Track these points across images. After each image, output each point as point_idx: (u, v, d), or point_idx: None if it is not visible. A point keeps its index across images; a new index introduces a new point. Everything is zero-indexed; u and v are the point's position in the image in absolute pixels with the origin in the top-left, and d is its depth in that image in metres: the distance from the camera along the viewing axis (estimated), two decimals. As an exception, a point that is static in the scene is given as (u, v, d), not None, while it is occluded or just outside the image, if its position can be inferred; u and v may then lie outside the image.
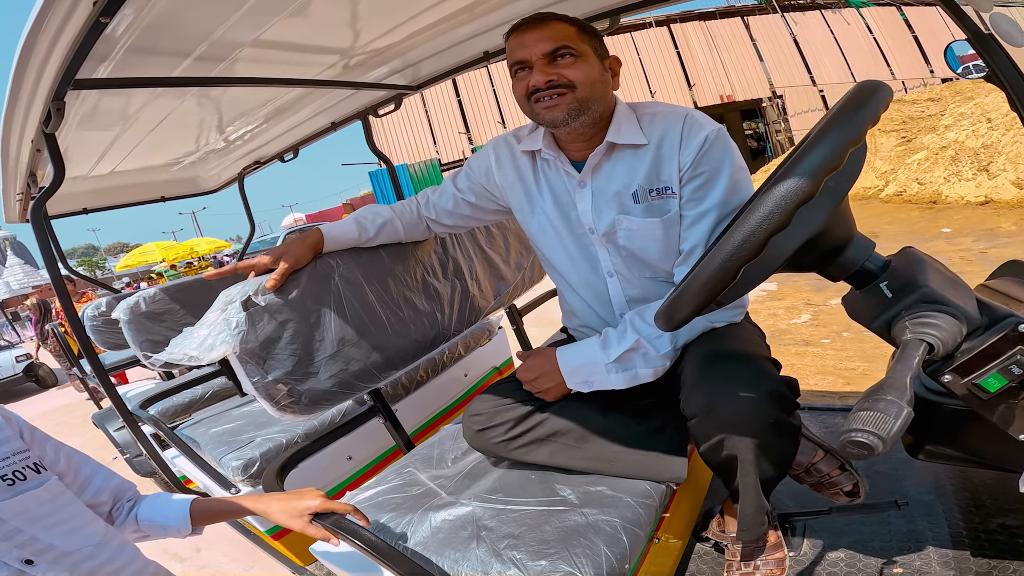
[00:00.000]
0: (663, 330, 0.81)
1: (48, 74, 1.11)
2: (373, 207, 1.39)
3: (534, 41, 1.02)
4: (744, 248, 0.58)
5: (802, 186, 0.54)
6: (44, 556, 0.74)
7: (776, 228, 0.56)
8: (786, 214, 0.55)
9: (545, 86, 1.02)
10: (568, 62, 1.02)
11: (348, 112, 2.27)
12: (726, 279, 0.61)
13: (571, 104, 1.02)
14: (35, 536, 0.74)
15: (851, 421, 0.51)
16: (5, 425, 0.81)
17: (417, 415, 1.93)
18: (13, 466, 0.78)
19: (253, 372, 1.08)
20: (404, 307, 1.39)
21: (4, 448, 0.79)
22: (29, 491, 0.77)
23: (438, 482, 1.19)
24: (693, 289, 0.66)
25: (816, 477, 1.13)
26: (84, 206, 2.84)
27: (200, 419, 2.02)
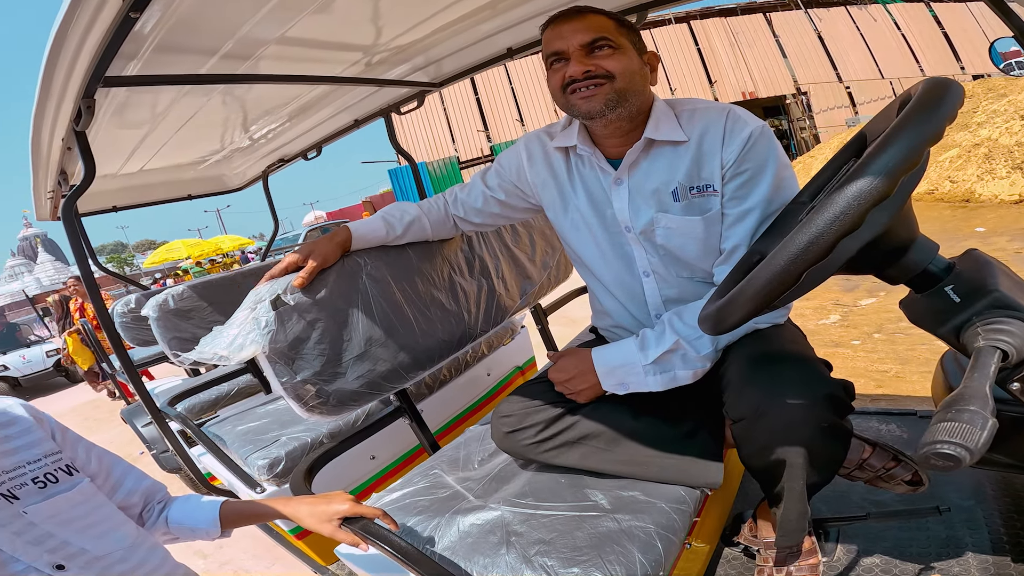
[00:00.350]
0: (709, 334, 0.78)
1: (78, 71, 1.11)
2: (400, 204, 1.37)
3: (571, 32, 1.00)
4: (811, 250, 0.54)
5: (878, 186, 0.50)
6: (75, 560, 0.72)
7: (848, 229, 0.52)
8: (859, 214, 0.51)
9: (582, 76, 0.99)
10: (606, 53, 0.99)
11: (371, 109, 2.27)
12: (788, 282, 0.58)
13: (609, 95, 0.99)
14: (67, 540, 0.73)
15: (934, 433, 0.48)
16: (36, 426, 0.80)
17: (440, 414, 1.92)
18: (45, 468, 0.77)
19: (282, 372, 1.07)
20: (431, 306, 1.37)
21: (35, 450, 0.78)
22: (61, 494, 0.76)
23: (465, 484, 1.17)
24: (749, 292, 0.63)
25: (870, 472, 1.09)
26: (114, 204, 2.89)
27: (226, 417, 2.02)
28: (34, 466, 0.76)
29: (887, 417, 1.58)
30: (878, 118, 0.76)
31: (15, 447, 0.76)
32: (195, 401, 2.34)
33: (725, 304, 0.70)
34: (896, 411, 1.60)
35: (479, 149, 19.58)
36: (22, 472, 0.74)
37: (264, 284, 1.12)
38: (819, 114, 18.94)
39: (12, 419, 0.78)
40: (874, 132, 0.76)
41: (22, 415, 0.79)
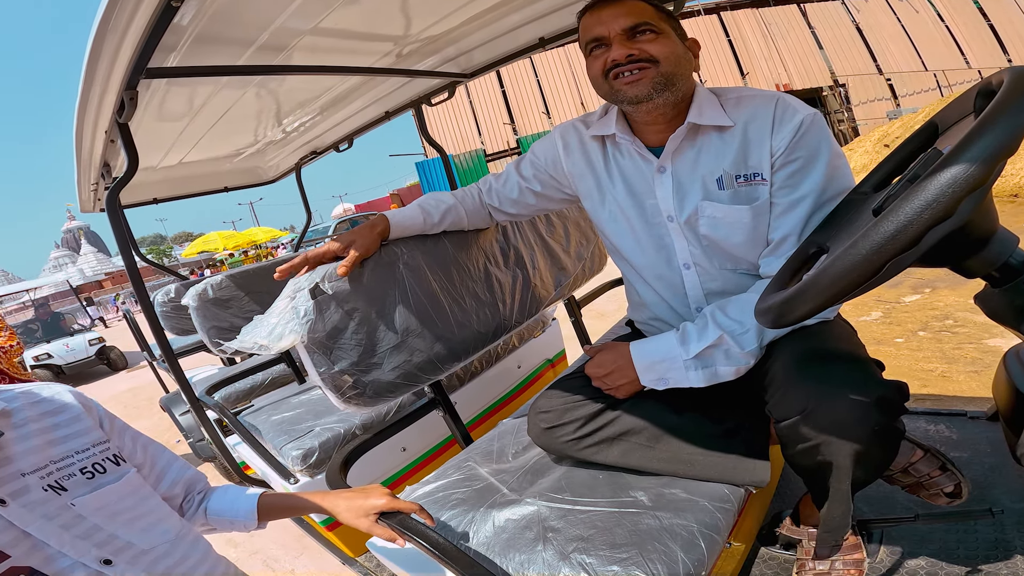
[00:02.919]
0: (769, 327, 0.74)
1: (121, 62, 1.12)
2: (436, 194, 1.37)
3: (612, 17, 0.98)
4: (899, 238, 0.51)
5: (975, 172, 0.47)
6: (122, 555, 0.70)
7: (940, 218, 0.49)
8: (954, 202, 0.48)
9: (625, 60, 0.97)
10: (650, 38, 0.97)
11: (402, 101, 2.27)
12: (869, 272, 0.54)
13: (655, 78, 0.97)
14: (114, 533, 0.71)
15: None
16: (85, 414, 0.78)
17: (471, 406, 1.91)
18: (93, 458, 0.75)
19: (320, 362, 1.07)
20: (467, 297, 1.36)
21: (83, 439, 0.76)
22: (108, 485, 0.74)
23: (499, 477, 1.15)
24: (824, 283, 0.59)
25: (914, 478, 1.05)
26: (154, 196, 2.97)
27: (261, 406, 2.05)
28: (82, 456, 0.74)
29: (936, 418, 1.51)
30: (951, 107, 0.72)
31: (64, 435, 0.74)
32: (231, 390, 2.38)
33: (792, 296, 0.66)
34: (945, 412, 1.52)
35: (505, 142, 19.57)
36: (71, 462, 0.73)
37: (303, 270, 1.12)
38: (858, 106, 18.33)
39: (61, 406, 0.76)
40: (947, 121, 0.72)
41: (71, 402, 0.78)
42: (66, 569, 0.65)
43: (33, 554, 0.64)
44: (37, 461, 0.69)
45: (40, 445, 0.71)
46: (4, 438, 0.68)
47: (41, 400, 0.75)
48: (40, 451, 0.70)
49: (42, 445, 0.71)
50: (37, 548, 0.65)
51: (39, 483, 0.68)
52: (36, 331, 9.88)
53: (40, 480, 0.68)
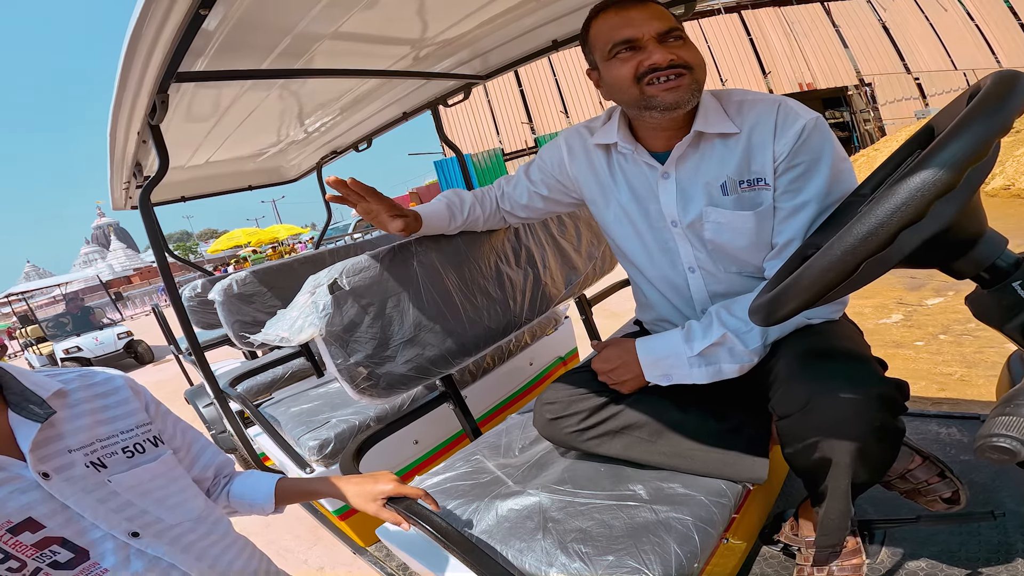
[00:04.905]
0: (759, 325, 0.76)
1: (153, 67, 1.17)
2: (458, 192, 1.39)
3: (645, 19, 0.96)
4: (870, 240, 0.53)
5: (943, 177, 0.49)
6: (149, 529, 0.74)
7: (910, 221, 0.51)
8: (922, 206, 0.50)
9: (667, 65, 0.95)
10: (680, 44, 0.97)
11: (419, 102, 2.32)
12: (844, 273, 0.56)
13: (692, 85, 0.97)
14: (145, 509, 0.75)
15: (991, 426, 0.47)
16: (133, 398, 0.83)
17: (482, 402, 1.95)
18: (135, 439, 0.79)
19: (336, 354, 1.12)
20: (478, 294, 1.40)
21: (129, 420, 0.80)
22: (144, 464, 0.78)
23: (505, 470, 1.19)
24: (803, 283, 0.62)
25: (911, 484, 1.06)
26: (182, 194, 3.06)
27: (281, 398, 2.11)
28: (126, 436, 0.78)
29: (948, 420, 1.50)
30: (946, 110, 0.73)
31: (112, 416, 0.79)
32: (252, 383, 2.46)
33: (777, 295, 0.68)
34: (957, 415, 1.52)
35: (523, 141, 19.58)
36: (115, 441, 0.77)
37: (323, 271, 1.17)
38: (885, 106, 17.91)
39: (113, 389, 0.81)
40: (941, 124, 0.73)
41: (122, 386, 0.82)
42: (97, 540, 0.70)
43: (68, 525, 0.68)
44: (84, 439, 0.74)
45: (89, 424, 0.75)
46: (57, 416, 0.72)
47: (95, 383, 0.79)
48: (88, 429, 0.75)
49: (91, 424, 0.75)
50: (72, 520, 0.69)
51: (83, 459, 0.72)
52: (67, 325, 10.18)
53: (84, 456, 0.73)
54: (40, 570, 0.65)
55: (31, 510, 0.65)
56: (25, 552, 0.65)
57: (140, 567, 0.71)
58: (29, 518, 0.65)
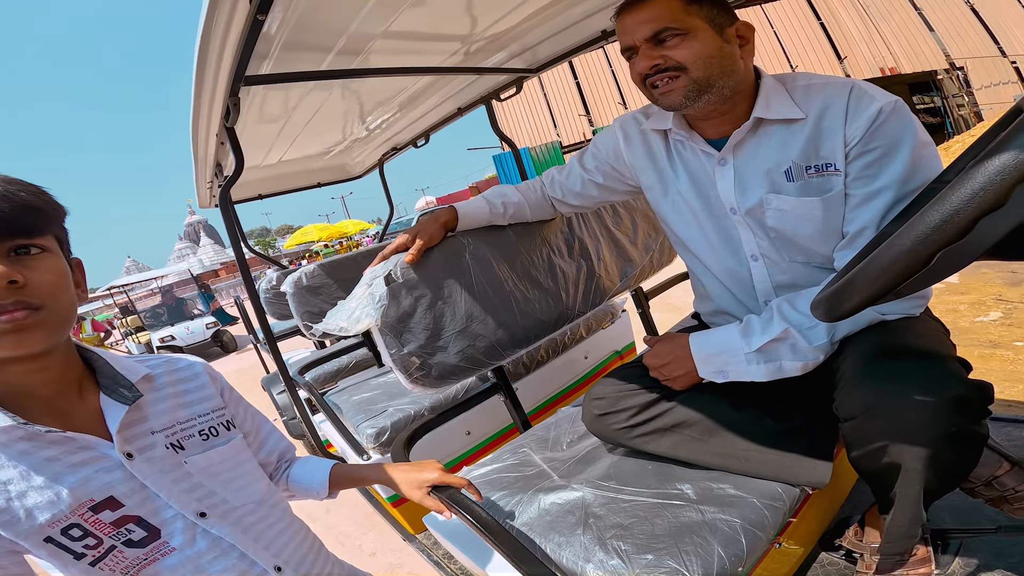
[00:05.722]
0: (822, 320, 0.71)
1: (223, 72, 1.25)
2: (501, 187, 1.42)
3: (635, 25, 0.96)
4: (945, 230, 0.47)
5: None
6: (216, 510, 0.76)
7: (989, 207, 0.45)
8: (1003, 191, 0.44)
9: (652, 71, 0.96)
10: (675, 43, 0.94)
11: (472, 97, 2.34)
12: (916, 264, 0.51)
13: (687, 87, 0.95)
14: (213, 490, 0.77)
15: None
16: (210, 384, 0.86)
17: (535, 395, 1.95)
18: (210, 423, 0.82)
19: (391, 344, 1.15)
20: (530, 286, 1.40)
21: (207, 404, 0.84)
22: (217, 447, 0.81)
23: (551, 464, 1.19)
24: (870, 274, 0.56)
25: (997, 491, 0.96)
26: (259, 192, 3.26)
27: (344, 387, 2.21)
28: (203, 419, 0.81)
29: None
30: None
31: (191, 400, 0.82)
32: (319, 372, 2.58)
33: (841, 288, 0.63)
34: None
35: (581, 133, 19.33)
36: (192, 424, 0.80)
37: (379, 263, 1.20)
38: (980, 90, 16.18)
39: (194, 375, 0.85)
40: None
41: (201, 372, 0.86)
42: (168, 519, 0.72)
43: (144, 505, 0.71)
44: (166, 421, 0.77)
45: (171, 407, 0.79)
46: (143, 399, 0.75)
47: (178, 368, 0.84)
48: (170, 412, 0.78)
49: (173, 407, 0.79)
50: (148, 500, 0.71)
51: (163, 441, 0.75)
52: (162, 315, 11.07)
53: (165, 438, 0.76)
54: (115, 548, 0.68)
55: (113, 489, 0.68)
56: (103, 530, 0.67)
57: (204, 546, 0.74)
58: (111, 497, 0.68)
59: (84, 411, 0.71)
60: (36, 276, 0.62)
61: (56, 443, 0.67)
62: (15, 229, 0.62)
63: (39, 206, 0.64)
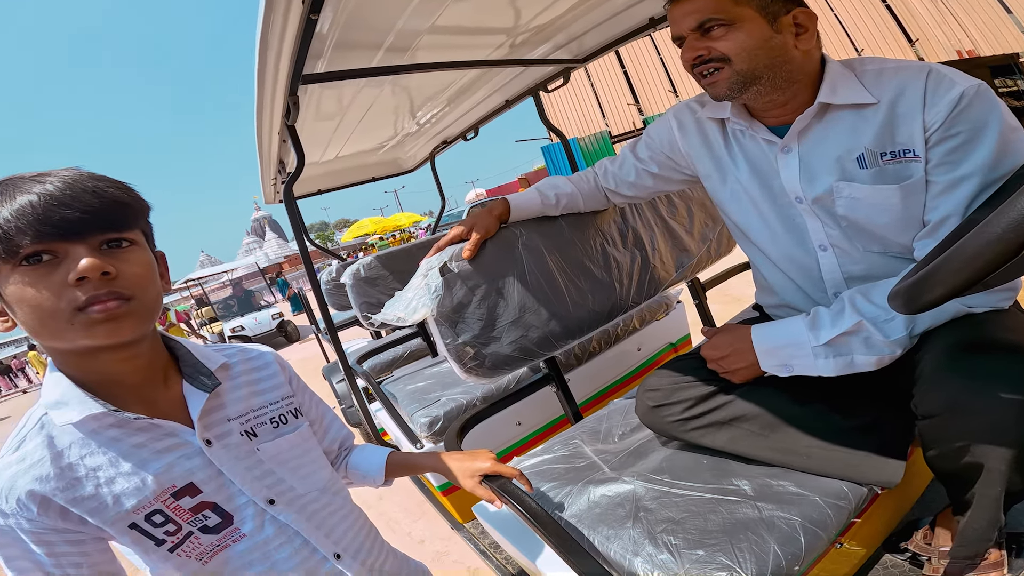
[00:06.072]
0: (900, 312, 0.67)
1: (282, 72, 1.29)
2: (553, 179, 1.41)
3: (681, 16, 0.94)
4: None
5: None
6: (283, 497, 0.78)
7: None
8: None
9: (696, 62, 0.94)
10: (719, 33, 0.91)
11: (520, 89, 2.34)
12: (1006, 254, 0.46)
13: (731, 79, 0.92)
14: (282, 478, 0.79)
15: None
16: (280, 372, 0.87)
17: (586, 386, 1.94)
18: (280, 410, 0.84)
19: (446, 334, 1.17)
20: (583, 276, 1.38)
21: (277, 393, 0.85)
22: (286, 435, 0.82)
23: (602, 456, 1.17)
24: (955, 264, 0.52)
25: None
26: (319, 188, 3.40)
27: (399, 376, 2.26)
28: (273, 407, 0.83)
29: None
30: None
31: (263, 388, 0.84)
32: (376, 361, 2.67)
33: (922, 279, 0.59)
34: None
35: (631, 123, 18.90)
36: (264, 412, 0.81)
37: (434, 254, 1.22)
38: (1065, 73, 14.59)
39: (265, 364, 0.86)
40: None
41: (272, 361, 0.88)
42: (241, 506, 0.73)
43: (220, 491, 0.72)
44: (241, 409, 0.79)
45: (246, 395, 0.81)
46: (221, 387, 0.77)
47: (251, 357, 0.86)
48: (245, 400, 0.80)
49: (247, 395, 0.81)
50: (224, 486, 0.72)
51: (239, 428, 0.77)
52: (233, 307, 11.73)
53: (240, 426, 0.77)
54: (192, 534, 0.69)
55: (193, 475, 0.70)
56: (183, 516, 0.69)
57: (271, 532, 0.75)
58: (191, 483, 0.70)
59: (168, 398, 0.74)
60: (126, 268, 0.64)
61: (143, 430, 0.69)
62: (106, 223, 0.64)
63: (127, 201, 0.67)
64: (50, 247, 0.60)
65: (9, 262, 0.59)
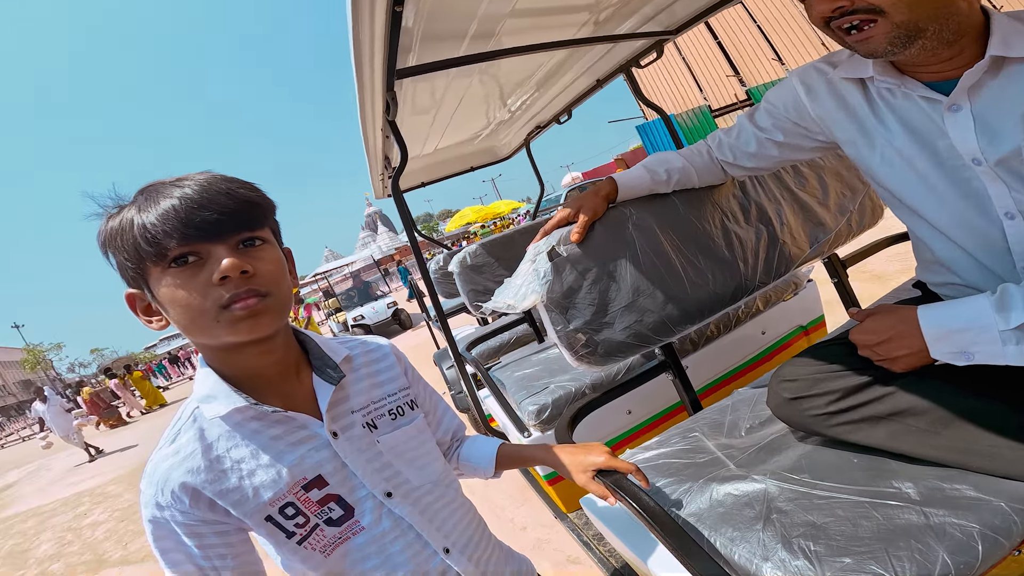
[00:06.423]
0: None
1: (377, 67, 1.30)
2: (660, 155, 1.32)
3: None
4: None
5: None
6: (400, 489, 0.77)
7: None
8: None
9: (834, 15, 0.80)
10: None
11: (610, 67, 2.25)
12: None
13: (891, 33, 0.77)
14: (399, 470, 0.78)
15: None
16: (396, 363, 0.87)
17: (702, 373, 1.82)
18: (397, 402, 0.83)
19: (557, 321, 1.13)
20: (702, 256, 1.27)
21: (394, 384, 0.84)
22: (403, 427, 0.81)
23: (727, 451, 1.07)
24: None
25: None
26: (421, 180, 3.54)
27: (507, 363, 2.27)
28: (392, 399, 0.82)
29: None
30: None
31: (382, 380, 0.83)
32: (484, 348, 2.71)
33: None
34: None
35: (732, 95, 17.63)
36: (383, 404, 0.81)
37: (541, 239, 1.18)
38: None
39: (383, 355, 0.86)
40: None
41: (389, 353, 0.87)
42: (362, 498, 0.73)
43: (344, 484, 0.72)
44: (363, 401, 0.79)
45: (367, 387, 0.81)
46: (345, 379, 0.77)
47: (371, 349, 0.86)
48: (366, 392, 0.80)
49: (368, 387, 0.81)
50: (347, 479, 0.72)
51: (361, 420, 0.77)
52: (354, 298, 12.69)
53: (362, 417, 0.77)
54: (318, 526, 0.70)
55: (321, 468, 0.71)
56: (311, 508, 0.69)
57: (388, 526, 0.74)
58: (319, 475, 0.70)
59: (301, 391, 0.75)
60: (262, 266, 0.66)
61: (279, 422, 0.70)
62: (241, 223, 0.65)
63: (257, 200, 0.68)
64: (194, 248, 0.63)
65: (159, 265, 0.63)
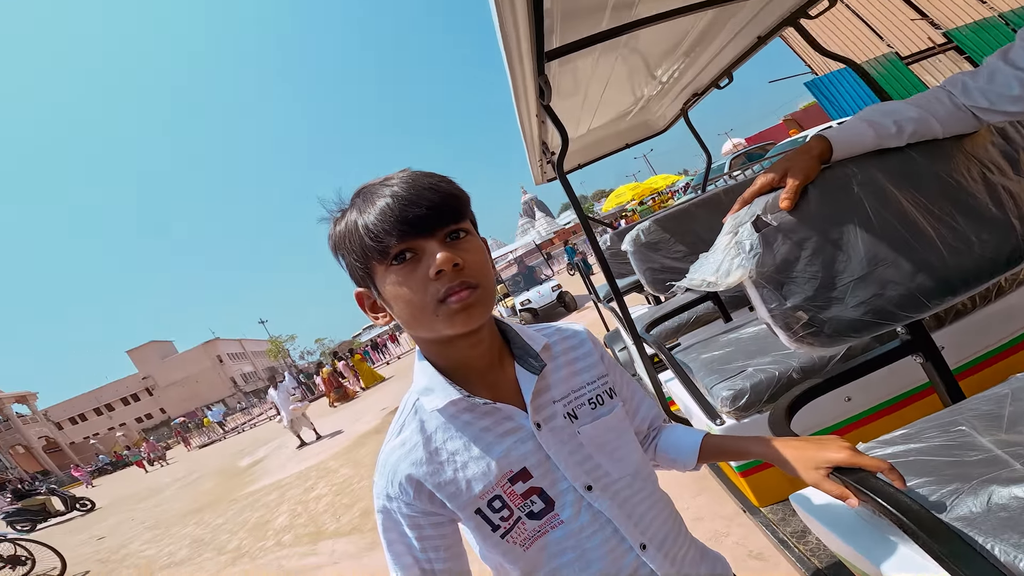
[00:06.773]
0: None
1: (526, 54, 1.27)
2: (882, 106, 1.09)
3: None
4: None
5: None
6: (600, 482, 0.73)
7: None
8: None
9: None
10: None
11: (773, 21, 2.00)
12: None
13: None
14: (599, 463, 0.74)
15: None
16: (593, 349, 0.82)
17: (955, 354, 1.48)
18: (596, 390, 0.78)
19: (770, 298, 1.00)
20: (958, 215, 1.02)
21: (593, 372, 0.80)
22: (603, 417, 0.77)
23: (1010, 450, 0.83)
24: None
25: None
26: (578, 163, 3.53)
27: (689, 344, 2.11)
28: (591, 387, 0.78)
29: None
30: None
31: (581, 368, 0.79)
32: (660, 329, 2.58)
33: None
34: None
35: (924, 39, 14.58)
36: (583, 392, 0.77)
37: (739, 208, 1.06)
38: None
39: (580, 342, 0.82)
40: None
41: (585, 339, 0.83)
42: (562, 492, 0.70)
43: (546, 476, 0.70)
44: (563, 390, 0.76)
45: (566, 376, 0.77)
46: (546, 368, 0.75)
47: (567, 336, 0.82)
48: (566, 381, 0.77)
49: (567, 376, 0.77)
50: (549, 471, 0.70)
51: (562, 410, 0.74)
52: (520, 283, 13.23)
53: (563, 408, 0.74)
54: (520, 519, 0.68)
55: (526, 460, 0.69)
56: (515, 501, 0.68)
57: (586, 520, 0.71)
58: (524, 468, 0.68)
59: (506, 381, 0.74)
60: (469, 257, 0.66)
61: (488, 414, 0.70)
62: (447, 216, 0.65)
63: (457, 193, 0.68)
64: (411, 244, 0.65)
65: (383, 263, 0.66)
